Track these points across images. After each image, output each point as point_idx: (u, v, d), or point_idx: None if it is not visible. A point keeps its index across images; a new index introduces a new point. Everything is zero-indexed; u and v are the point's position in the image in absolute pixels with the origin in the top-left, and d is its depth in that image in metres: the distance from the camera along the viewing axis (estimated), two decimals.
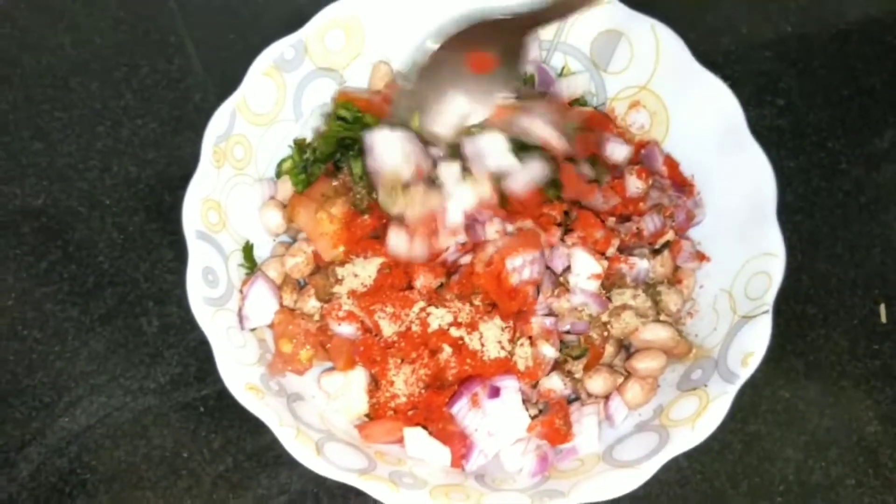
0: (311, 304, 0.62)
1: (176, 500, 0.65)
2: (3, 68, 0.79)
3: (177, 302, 0.70)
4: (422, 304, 0.59)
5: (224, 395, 0.68)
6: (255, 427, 0.67)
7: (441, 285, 0.61)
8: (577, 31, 0.69)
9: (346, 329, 0.60)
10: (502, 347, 0.59)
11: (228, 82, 0.64)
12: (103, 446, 0.67)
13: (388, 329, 0.59)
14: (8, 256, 0.72)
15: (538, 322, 0.59)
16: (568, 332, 0.61)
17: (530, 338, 0.60)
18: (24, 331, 0.70)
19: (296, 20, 0.66)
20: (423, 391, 0.59)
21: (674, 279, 0.64)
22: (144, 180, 0.75)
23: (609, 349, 0.61)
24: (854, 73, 0.81)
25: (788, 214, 0.74)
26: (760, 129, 0.77)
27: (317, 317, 0.62)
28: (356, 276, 0.60)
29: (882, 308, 0.71)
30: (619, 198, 0.64)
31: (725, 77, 0.77)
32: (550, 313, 0.60)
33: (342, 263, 0.61)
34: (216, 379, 0.67)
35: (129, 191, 0.74)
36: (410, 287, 0.60)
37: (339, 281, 0.61)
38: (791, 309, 0.71)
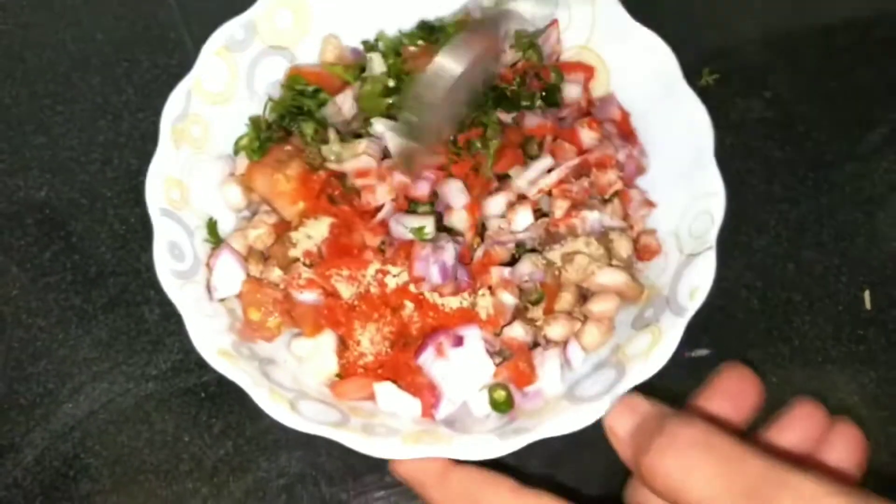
0: (276, 274, 0.64)
1: (178, 484, 0.67)
2: (6, 64, 0.81)
3: None
4: (377, 265, 0.61)
5: (224, 381, 0.68)
6: (255, 412, 0.68)
7: (383, 243, 0.63)
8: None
9: (309, 296, 0.62)
10: (463, 298, 0.61)
11: None
12: (106, 431, 0.68)
13: (347, 292, 0.61)
14: (12, 247, 0.74)
15: (497, 272, 0.62)
16: (526, 282, 0.63)
17: (490, 287, 0.62)
18: (28, 319, 0.71)
19: None
20: (389, 350, 0.61)
21: (626, 228, 0.67)
22: (145, 172, 0.76)
23: (567, 296, 0.63)
24: (841, 66, 0.82)
25: (775, 203, 0.76)
26: (748, 121, 0.79)
27: (282, 285, 0.63)
28: (310, 237, 0.63)
29: (866, 295, 0.73)
30: (575, 150, 0.67)
31: (714, 70, 0.80)
32: (507, 263, 0.63)
33: (296, 228, 0.63)
34: None
35: (130, 183, 0.76)
36: (366, 248, 0.62)
37: (294, 245, 0.63)
38: (777, 296, 0.73)
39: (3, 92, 0.80)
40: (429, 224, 0.62)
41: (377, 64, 0.70)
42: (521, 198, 0.65)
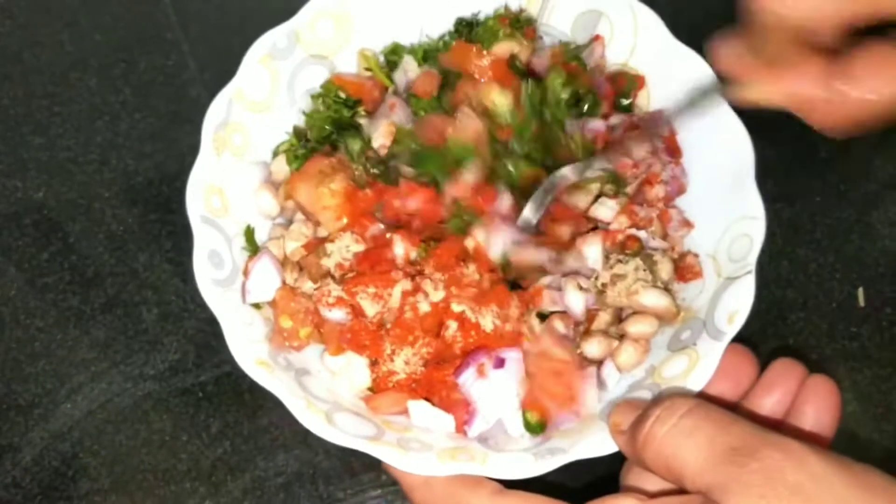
0: (308, 285, 0.64)
1: (176, 483, 0.67)
2: (3, 65, 0.81)
3: (175, 291, 0.72)
4: (404, 284, 0.61)
5: (221, 381, 0.70)
6: (252, 411, 0.69)
7: (419, 254, 0.62)
8: (559, 12, 0.72)
9: (337, 314, 0.61)
10: (497, 318, 0.61)
11: (224, 77, 0.66)
12: (105, 431, 0.68)
13: (372, 309, 0.61)
14: (10, 248, 0.74)
15: (549, 296, 0.61)
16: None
17: (540, 313, 0.62)
18: (26, 320, 0.72)
19: (289, 17, 0.68)
20: (422, 368, 0.61)
21: (668, 248, 0.66)
22: (143, 173, 0.77)
23: (605, 317, 0.63)
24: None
25: (769, 202, 0.75)
26: (742, 120, 0.79)
27: (313, 299, 0.63)
28: (348, 247, 0.62)
29: (860, 292, 0.73)
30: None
31: None
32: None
33: (333, 240, 0.63)
34: (214, 365, 0.70)
35: (127, 183, 0.76)
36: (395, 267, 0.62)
37: (328, 255, 0.62)
38: (772, 293, 0.73)
39: (0, 92, 0.80)
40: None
41: (411, 67, 0.70)
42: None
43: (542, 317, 0.62)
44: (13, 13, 0.83)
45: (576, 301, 0.62)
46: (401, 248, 0.62)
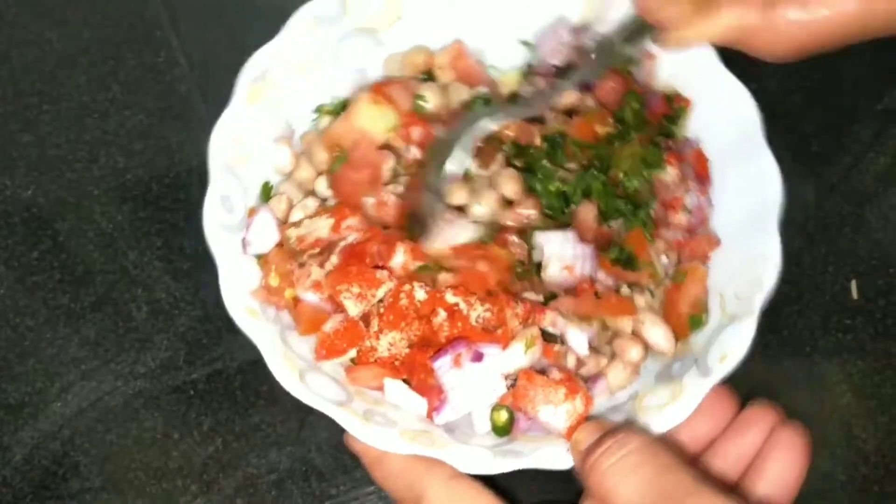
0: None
1: (167, 481, 0.67)
2: None
3: (165, 288, 0.72)
4: (390, 284, 0.60)
5: (213, 379, 0.70)
6: (244, 409, 0.69)
7: (422, 268, 0.61)
8: (609, 24, 0.69)
9: (312, 297, 0.61)
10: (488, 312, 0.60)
11: (214, 73, 0.66)
12: (95, 430, 0.68)
13: (354, 309, 0.60)
14: None
15: (551, 317, 0.60)
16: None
17: (539, 327, 0.61)
18: (16, 318, 0.71)
19: (282, 15, 0.67)
20: (407, 350, 0.60)
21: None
22: (132, 170, 0.76)
23: (603, 335, 0.62)
24: (826, 58, 0.82)
25: None
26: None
27: (295, 275, 0.62)
28: (313, 231, 0.62)
29: (853, 284, 0.73)
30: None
31: None
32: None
33: (312, 217, 0.63)
34: (205, 362, 0.70)
35: (117, 181, 0.76)
36: (379, 266, 0.61)
37: (297, 226, 0.62)
38: None
39: None
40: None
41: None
42: None
43: (543, 333, 0.61)
44: (1, 11, 0.83)
45: (578, 340, 0.61)
46: (401, 257, 0.61)
